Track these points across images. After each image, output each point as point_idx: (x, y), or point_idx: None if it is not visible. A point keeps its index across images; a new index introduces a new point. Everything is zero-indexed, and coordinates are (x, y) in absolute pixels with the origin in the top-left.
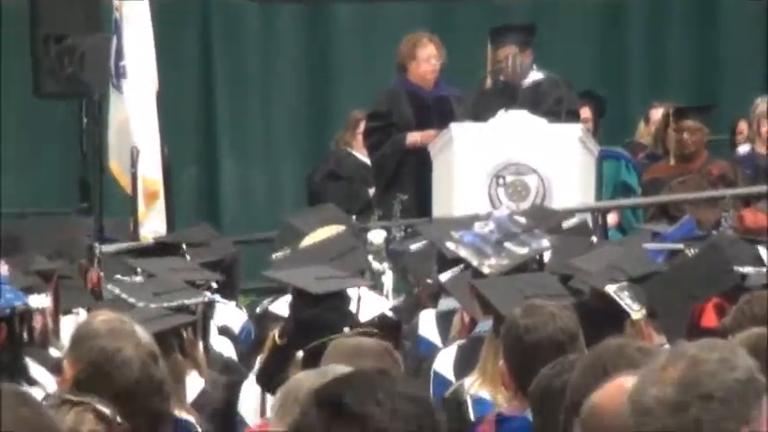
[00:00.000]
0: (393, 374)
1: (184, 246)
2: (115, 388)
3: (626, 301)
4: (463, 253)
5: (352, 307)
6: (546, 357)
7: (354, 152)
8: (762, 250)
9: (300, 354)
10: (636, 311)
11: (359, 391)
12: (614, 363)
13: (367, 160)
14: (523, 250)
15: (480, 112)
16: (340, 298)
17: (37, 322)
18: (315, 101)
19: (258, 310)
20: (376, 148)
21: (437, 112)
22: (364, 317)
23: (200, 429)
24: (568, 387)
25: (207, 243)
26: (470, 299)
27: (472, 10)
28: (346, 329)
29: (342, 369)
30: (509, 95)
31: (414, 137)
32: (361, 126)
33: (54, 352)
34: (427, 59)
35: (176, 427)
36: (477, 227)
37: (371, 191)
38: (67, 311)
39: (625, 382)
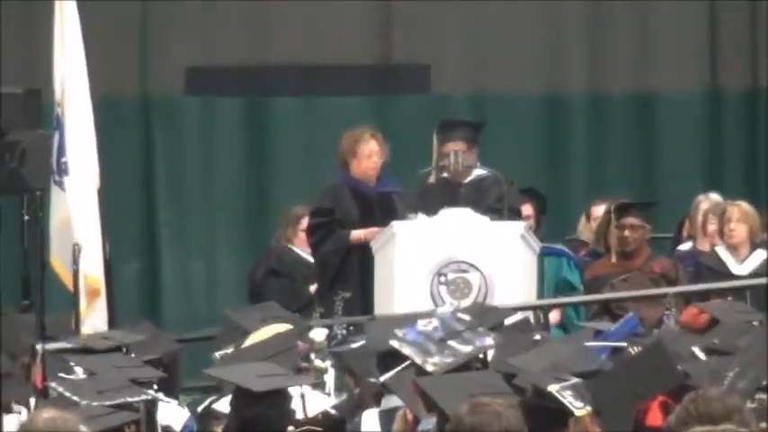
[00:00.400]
0: None
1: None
2: None
3: (568, 399)
4: (407, 351)
5: (296, 404)
6: None
7: (296, 249)
8: (696, 350)
9: None
10: (579, 409)
11: None
12: None
13: (309, 257)
14: (467, 348)
15: (423, 207)
16: (281, 396)
17: None
18: (255, 195)
19: (200, 408)
20: (319, 244)
21: (380, 209)
22: (308, 414)
23: None
24: None
25: (149, 341)
26: (414, 397)
27: (413, 101)
28: (290, 428)
29: None
30: (451, 192)
31: (357, 234)
32: (303, 222)
33: None
34: (369, 156)
35: None
36: (421, 324)
37: (313, 288)
38: (9, 409)
39: None
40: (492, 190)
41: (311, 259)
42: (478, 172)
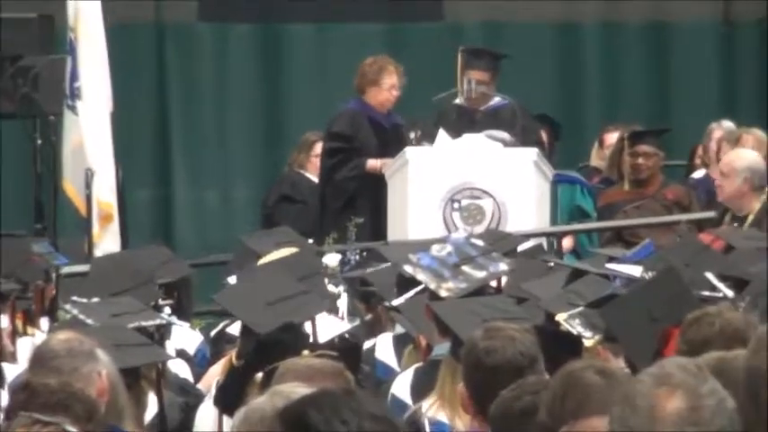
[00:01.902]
0: (358, 394)
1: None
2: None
3: (577, 329)
4: (421, 276)
5: (308, 328)
6: (505, 380)
7: (308, 174)
8: (711, 276)
9: (260, 375)
10: (588, 339)
11: (324, 410)
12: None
13: None
14: (481, 274)
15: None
16: None
17: None
18: (268, 122)
19: (213, 332)
20: (335, 169)
21: (393, 139)
22: (322, 338)
23: None
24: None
25: (163, 264)
26: (427, 322)
27: (427, 30)
28: (305, 352)
29: (302, 390)
30: (468, 119)
31: (373, 163)
32: (316, 148)
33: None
34: (390, 89)
35: None
36: (435, 250)
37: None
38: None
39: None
40: (513, 120)
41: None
42: (495, 100)
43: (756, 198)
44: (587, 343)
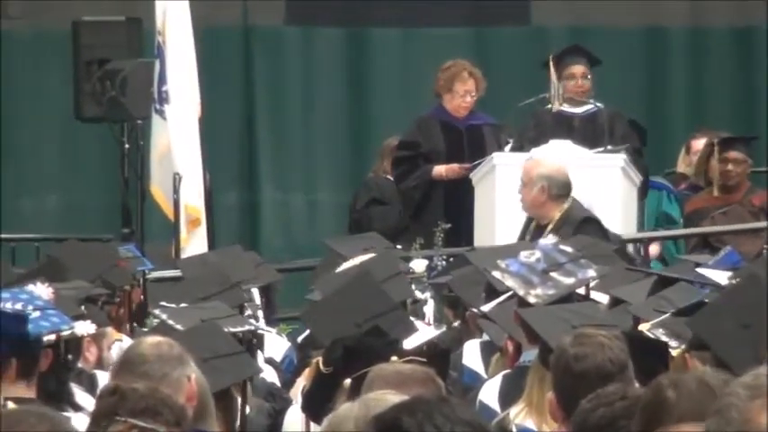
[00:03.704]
0: (450, 400)
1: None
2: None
3: (661, 338)
4: (509, 282)
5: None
6: (594, 387)
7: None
8: None
9: (348, 381)
10: (673, 347)
11: (418, 416)
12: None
13: None
14: (570, 280)
15: (538, 139)
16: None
17: (89, 351)
18: (354, 126)
19: (300, 338)
20: (402, 178)
21: (468, 142)
22: (411, 344)
23: None
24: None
25: (251, 268)
26: (515, 327)
27: (513, 33)
28: (393, 358)
29: (392, 397)
30: (566, 124)
31: (439, 170)
32: None
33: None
34: (463, 95)
35: None
36: (523, 255)
37: None
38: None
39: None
40: (614, 127)
41: None
42: (590, 106)
43: (557, 207)
44: (674, 352)
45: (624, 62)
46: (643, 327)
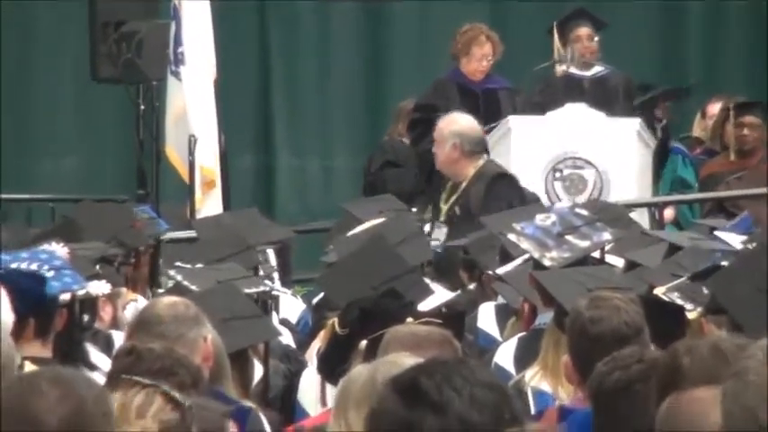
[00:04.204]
0: (469, 362)
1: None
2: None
3: (677, 302)
4: (525, 245)
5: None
6: (609, 350)
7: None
8: None
9: (364, 343)
10: (689, 311)
11: (436, 377)
12: None
13: None
14: (585, 243)
15: (547, 103)
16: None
17: (104, 311)
18: (369, 90)
19: (315, 299)
20: (418, 140)
21: (485, 105)
22: (427, 306)
23: (262, 417)
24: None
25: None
26: (531, 290)
27: (530, 5)
28: (409, 320)
29: (406, 360)
30: (576, 87)
31: None
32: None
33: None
34: (480, 59)
35: (239, 413)
36: (539, 219)
37: None
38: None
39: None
40: (623, 90)
41: None
42: (600, 68)
43: (471, 164)
44: (690, 315)
45: (640, 27)
46: (659, 290)
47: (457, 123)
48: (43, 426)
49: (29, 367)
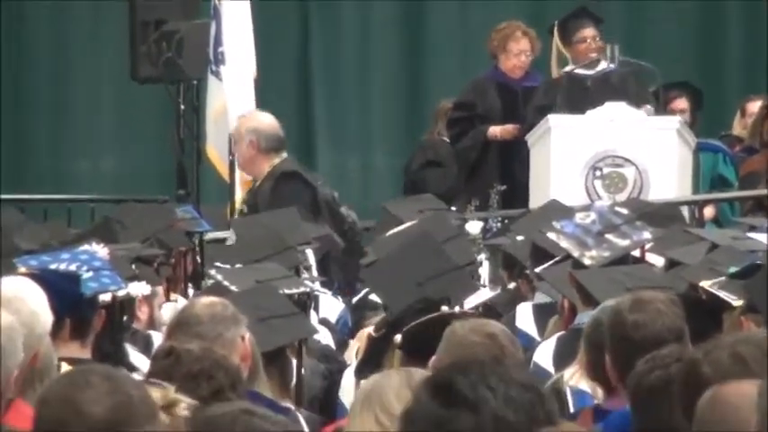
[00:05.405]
0: (505, 362)
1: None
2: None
3: (721, 296)
4: (564, 243)
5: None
6: (649, 352)
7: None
8: None
9: (398, 337)
10: (735, 301)
11: (472, 377)
12: None
13: None
14: (625, 242)
15: (549, 105)
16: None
17: (141, 311)
18: (410, 89)
19: (355, 299)
20: (457, 138)
21: (524, 103)
22: (467, 305)
23: (299, 416)
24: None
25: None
26: (570, 289)
27: (570, 3)
28: (444, 307)
29: (420, 374)
30: (579, 87)
31: (494, 130)
32: None
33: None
34: (518, 54)
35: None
36: (579, 217)
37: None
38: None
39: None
40: (632, 85)
41: None
42: (603, 65)
43: (268, 162)
44: (735, 303)
45: (679, 25)
46: (704, 284)
47: (254, 120)
48: (89, 416)
49: (65, 368)
